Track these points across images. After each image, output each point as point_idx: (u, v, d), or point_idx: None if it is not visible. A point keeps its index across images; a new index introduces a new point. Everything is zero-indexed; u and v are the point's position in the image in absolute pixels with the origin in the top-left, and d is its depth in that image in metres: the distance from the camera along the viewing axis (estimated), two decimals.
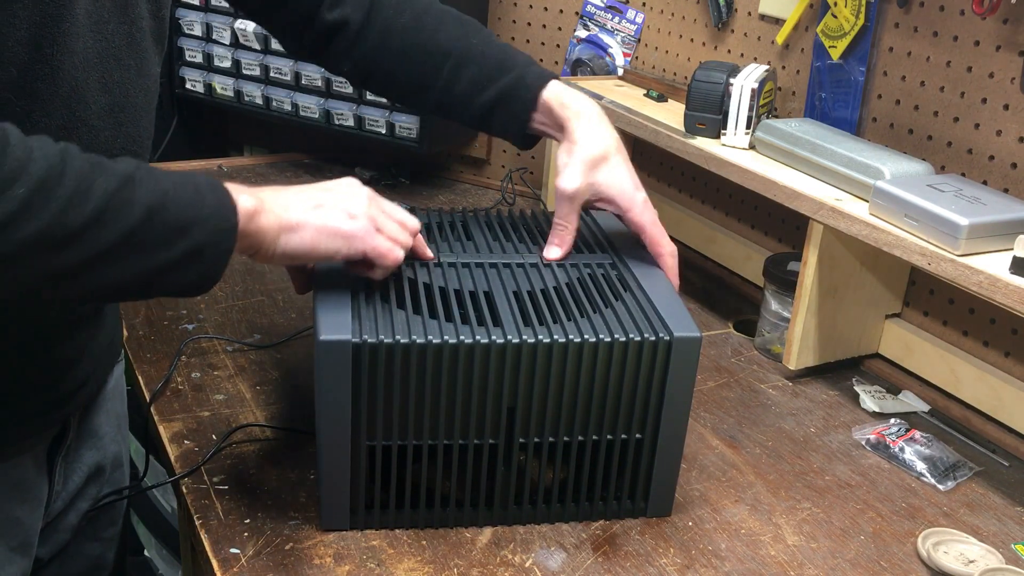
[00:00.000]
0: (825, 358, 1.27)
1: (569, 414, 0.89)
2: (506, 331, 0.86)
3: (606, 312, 0.91)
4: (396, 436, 0.87)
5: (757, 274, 1.41)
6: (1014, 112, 1.15)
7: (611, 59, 1.74)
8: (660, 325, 0.89)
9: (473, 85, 1.03)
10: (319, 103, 1.77)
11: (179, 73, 1.88)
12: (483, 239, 1.04)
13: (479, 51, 1.03)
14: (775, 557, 0.93)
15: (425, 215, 1.08)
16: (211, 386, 1.13)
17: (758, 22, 1.49)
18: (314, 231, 0.82)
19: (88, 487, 1.03)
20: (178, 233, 0.73)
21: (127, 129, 0.84)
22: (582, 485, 0.93)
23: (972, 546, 0.95)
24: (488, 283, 0.94)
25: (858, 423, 1.17)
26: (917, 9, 1.25)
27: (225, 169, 1.84)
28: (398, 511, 0.91)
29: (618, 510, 0.95)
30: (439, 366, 0.85)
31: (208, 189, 0.75)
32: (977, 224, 1.02)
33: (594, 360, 0.87)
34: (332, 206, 0.84)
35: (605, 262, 1.01)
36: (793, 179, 1.23)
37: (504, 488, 0.92)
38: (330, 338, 0.82)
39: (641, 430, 0.91)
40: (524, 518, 0.93)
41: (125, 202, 0.70)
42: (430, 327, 0.85)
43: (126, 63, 0.82)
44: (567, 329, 0.87)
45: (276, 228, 0.80)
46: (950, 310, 1.26)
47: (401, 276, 0.92)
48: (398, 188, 1.82)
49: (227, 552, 0.87)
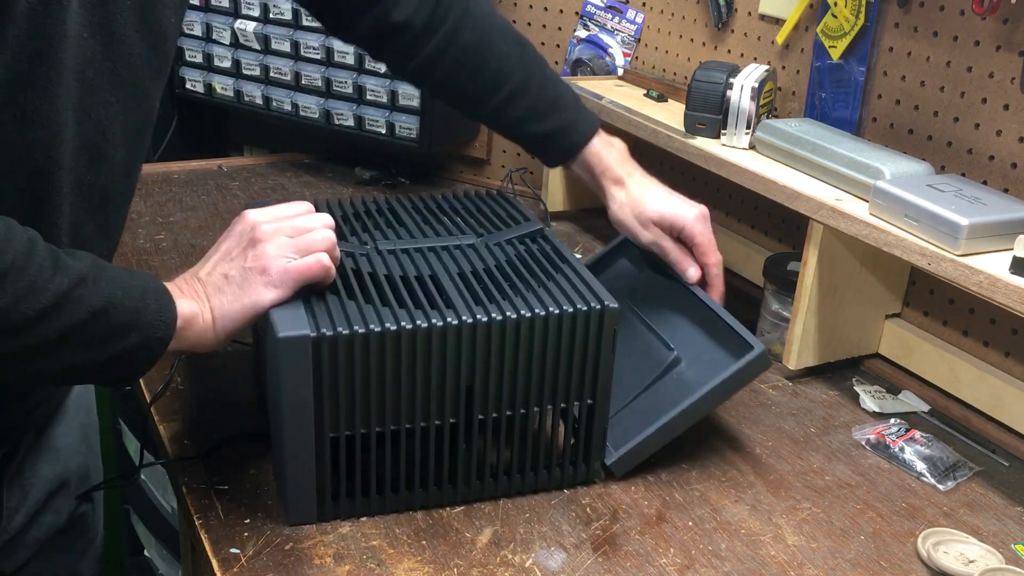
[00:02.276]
0: (825, 358, 1.27)
1: (524, 387, 0.92)
2: (459, 312, 0.88)
3: (549, 285, 0.94)
4: (359, 425, 0.88)
5: (757, 274, 1.41)
6: (1014, 112, 1.15)
7: (611, 59, 1.74)
8: (592, 296, 0.93)
9: (528, 114, 1.13)
10: (319, 103, 1.77)
11: (179, 73, 1.88)
12: (415, 224, 1.06)
13: (537, 83, 1.13)
14: (775, 557, 0.93)
15: (350, 204, 1.10)
16: (211, 386, 1.13)
17: (758, 22, 1.49)
18: (239, 308, 0.84)
19: (53, 500, 1.02)
20: (115, 336, 0.76)
21: (103, 166, 0.83)
22: (540, 455, 0.96)
23: (972, 546, 0.95)
24: (431, 267, 0.97)
25: (858, 423, 1.17)
26: (917, 9, 1.25)
27: (225, 169, 1.84)
28: (364, 499, 0.92)
29: (574, 476, 0.98)
30: (397, 352, 0.86)
31: (154, 295, 0.79)
32: (977, 224, 1.02)
33: (545, 333, 0.90)
34: (240, 276, 0.85)
35: (538, 237, 1.05)
36: (793, 179, 1.23)
37: (466, 465, 0.93)
38: (289, 334, 0.82)
39: (592, 396, 0.95)
40: (487, 493, 0.96)
41: (74, 302, 0.73)
42: (384, 315, 0.87)
43: (107, 100, 0.81)
44: (516, 305, 0.90)
45: (211, 325, 0.83)
46: (950, 310, 1.26)
47: (345, 268, 0.93)
48: (398, 188, 1.82)
49: (227, 552, 0.87)
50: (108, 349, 0.76)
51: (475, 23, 1.11)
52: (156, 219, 1.57)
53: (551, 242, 1.05)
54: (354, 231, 1.04)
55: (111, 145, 0.83)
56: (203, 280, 0.85)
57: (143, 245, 1.47)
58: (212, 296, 0.84)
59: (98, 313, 0.74)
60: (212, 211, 1.63)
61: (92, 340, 0.75)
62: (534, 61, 1.14)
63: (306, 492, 0.89)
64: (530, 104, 1.12)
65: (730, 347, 1.02)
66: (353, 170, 1.87)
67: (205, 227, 1.56)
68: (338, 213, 1.08)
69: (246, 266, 0.85)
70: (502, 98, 1.12)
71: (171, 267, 1.40)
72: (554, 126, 1.13)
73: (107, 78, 0.80)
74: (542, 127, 1.13)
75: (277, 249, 0.85)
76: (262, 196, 1.71)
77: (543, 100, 1.13)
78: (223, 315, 0.83)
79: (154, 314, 0.78)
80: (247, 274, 0.84)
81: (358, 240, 1.02)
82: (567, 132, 1.13)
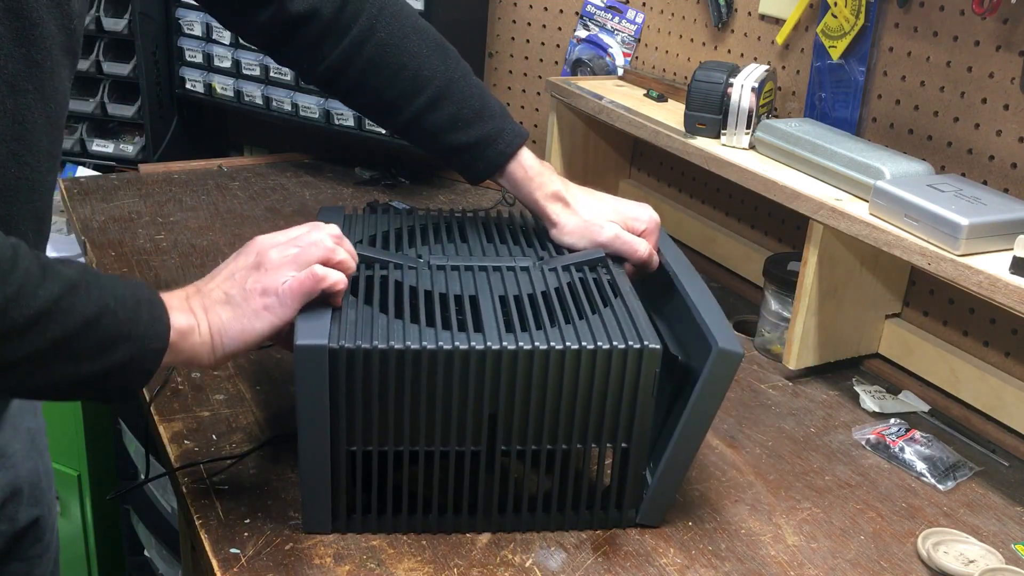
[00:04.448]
0: (825, 358, 1.27)
1: (552, 422, 0.87)
2: (487, 337, 0.84)
3: (592, 319, 0.89)
4: (376, 442, 0.86)
5: (757, 274, 1.41)
6: (1014, 112, 1.15)
7: (611, 59, 1.74)
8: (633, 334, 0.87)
9: (450, 122, 1.04)
10: (319, 103, 1.77)
11: (179, 73, 1.88)
12: (478, 241, 1.03)
13: (460, 88, 1.04)
14: (775, 557, 0.93)
15: (423, 216, 1.08)
16: (211, 386, 1.13)
17: (758, 22, 1.49)
18: (238, 329, 0.82)
19: (5, 508, 0.99)
20: (107, 347, 0.74)
21: (25, 158, 0.80)
22: (567, 494, 0.92)
23: (972, 546, 0.95)
24: (475, 286, 0.93)
25: (858, 423, 1.17)
26: (917, 9, 1.25)
27: (225, 169, 1.84)
28: (380, 516, 0.90)
29: (605, 519, 0.93)
30: (418, 371, 0.84)
31: (147, 306, 0.76)
32: (977, 224, 1.02)
33: (576, 368, 0.85)
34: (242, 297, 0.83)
35: (598, 266, 1.00)
36: (793, 179, 1.23)
37: (487, 496, 0.91)
38: (306, 343, 0.81)
39: (627, 439, 0.89)
40: (508, 526, 0.92)
41: (66, 310, 0.70)
42: (410, 332, 0.84)
43: (23, 87, 0.77)
44: (550, 336, 0.85)
45: (209, 341, 0.81)
46: (950, 310, 1.26)
47: (388, 279, 0.92)
48: (398, 188, 1.82)
49: (227, 552, 0.87)
50: (101, 361, 0.73)
51: (392, 22, 1.03)
52: (156, 219, 1.57)
53: (610, 271, 0.99)
54: (412, 243, 1.02)
55: (32, 135, 0.79)
56: (204, 294, 0.83)
57: (143, 245, 1.47)
58: (212, 311, 0.82)
59: (91, 322, 0.72)
60: (212, 211, 1.63)
61: (84, 351, 0.72)
62: (457, 66, 1.05)
63: (321, 502, 0.88)
64: (453, 111, 1.04)
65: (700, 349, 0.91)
66: (353, 170, 1.88)
67: (205, 227, 1.56)
68: (406, 223, 1.06)
69: (248, 287, 0.83)
70: (422, 104, 1.03)
71: (171, 267, 1.40)
72: (479, 135, 1.04)
73: (22, 65, 0.75)
74: (467, 136, 1.04)
75: (279, 271, 0.84)
76: (262, 196, 1.71)
77: (467, 107, 1.04)
78: (221, 331, 0.82)
79: (147, 325, 0.76)
80: (248, 295, 0.83)
81: (415, 252, 1.00)
82: (493, 141, 1.04)
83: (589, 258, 1.01)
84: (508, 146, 1.05)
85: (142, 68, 1.87)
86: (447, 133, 1.05)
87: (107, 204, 1.61)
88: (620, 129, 1.50)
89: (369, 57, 1.03)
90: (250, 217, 1.62)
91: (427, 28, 1.06)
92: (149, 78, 1.88)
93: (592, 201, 1.06)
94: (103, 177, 1.78)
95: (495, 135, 1.05)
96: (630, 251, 1.03)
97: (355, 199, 1.75)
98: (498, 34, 1.84)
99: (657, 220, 1.07)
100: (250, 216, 1.62)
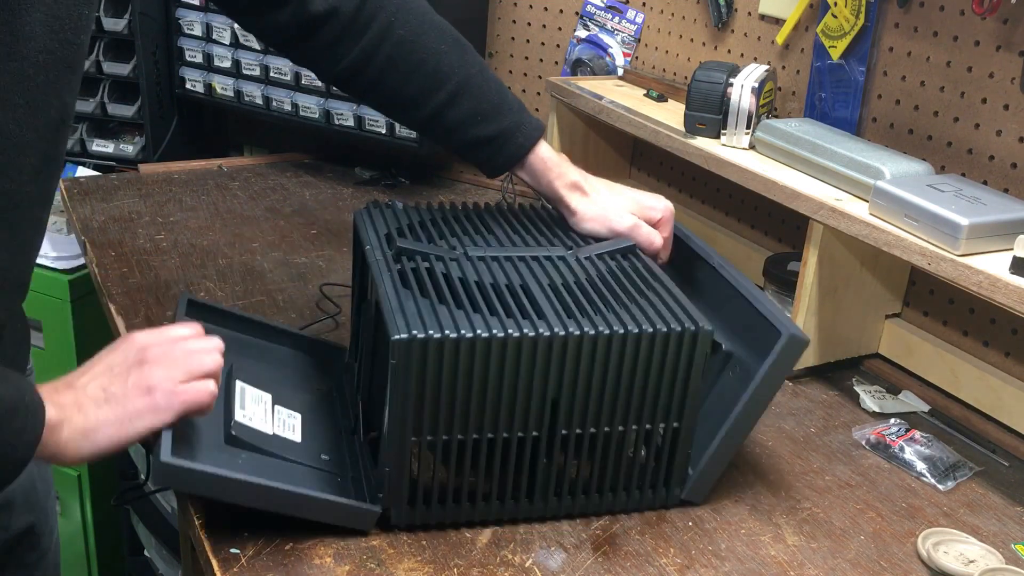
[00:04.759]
0: (825, 358, 1.27)
1: (611, 404, 0.91)
2: (551, 323, 0.87)
3: (641, 303, 0.93)
4: (442, 431, 0.88)
5: (757, 274, 1.41)
6: (1014, 112, 1.15)
7: (611, 59, 1.74)
8: (687, 317, 0.91)
9: (470, 116, 1.06)
10: (319, 103, 1.77)
11: (179, 73, 1.88)
12: (504, 232, 1.05)
13: (478, 84, 1.06)
14: (775, 557, 0.93)
15: (440, 209, 1.09)
16: None
17: (758, 22, 1.49)
18: (115, 427, 0.80)
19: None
20: None
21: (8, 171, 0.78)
22: (620, 475, 0.94)
23: (972, 546, 0.95)
24: (521, 276, 0.95)
25: (858, 423, 1.17)
26: (917, 9, 1.25)
27: (225, 169, 1.84)
28: (440, 506, 0.91)
29: (653, 499, 0.96)
30: (487, 359, 0.85)
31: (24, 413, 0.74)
32: (977, 224, 1.02)
33: (636, 351, 0.89)
34: (123, 393, 0.81)
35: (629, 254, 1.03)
36: (793, 179, 1.23)
37: (545, 481, 0.92)
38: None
39: (678, 419, 0.93)
40: (564, 511, 0.94)
41: None
42: (475, 321, 0.86)
43: (13, 102, 0.76)
44: (609, 320, 0.89)
45: (76, 439, 0.79)
46: (950, 310, 1.26)
47: (434, 271, 0.94)
48: (398, 188, 1.82)
49: (227, 552, 0.87)
50: None
51: (410, 19, 1.04)
52: (156, 219, 1.57)
53: (642, 259, 1.03)
54: (443, 235, 1.03)
55: (19, 150, 0.78)
56: (77, 388, 0.81)
57: (143, 245, 1.47)
58: (87, 408, 0.80)
59: None
60: (212, 211, 1.63)
61: None
62: (474, 61, 1.07)
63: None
64: (472, 106, 1.05)
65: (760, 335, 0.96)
66: (353, 170, 1.88)
67: (205, 227, 1.56)
68: (427, 217, 1.07)
69: (129, 384, 0.81)
70: (442, 100, 1.05)
71: (171, 267, 1.40)
72: (499, 129, 1.06)
73: (10, 79, 0.75)
74: (486, 130, 1.06)
75: (165, 371, 0.82)
76: (262, 196, 1.71)
77: (486, 101, 1.06)
78: (96, 428, 0.79)
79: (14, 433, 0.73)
80: (130, 392, 0.81)
81: (447, 244, 1.00)
82: (513, 135, 1.06)
83: (620, 247, 1.04)
84: (527, 139, 1.07)
85: (142, 68, 1.87)
86: (467, 128, 1.06)
87: (107, 204, 1.61)
88: (620, 129, 1.50)
89: (388, 55, 1.04)
90: (250, 217, 1.62)
91: (444, 24, 1.07)
92: (149, 78, 1.88)
93: (610, 191, 1.09)
94: (103, 177, 1.78)
95: (514, 128, 1.06)
96: (647, 241, 1.06)
97: (355, 199, 1.75)
98: (498, 34, 1.85)
99: (672, 210, 1.10)
100: (250, 216, 1.62)
